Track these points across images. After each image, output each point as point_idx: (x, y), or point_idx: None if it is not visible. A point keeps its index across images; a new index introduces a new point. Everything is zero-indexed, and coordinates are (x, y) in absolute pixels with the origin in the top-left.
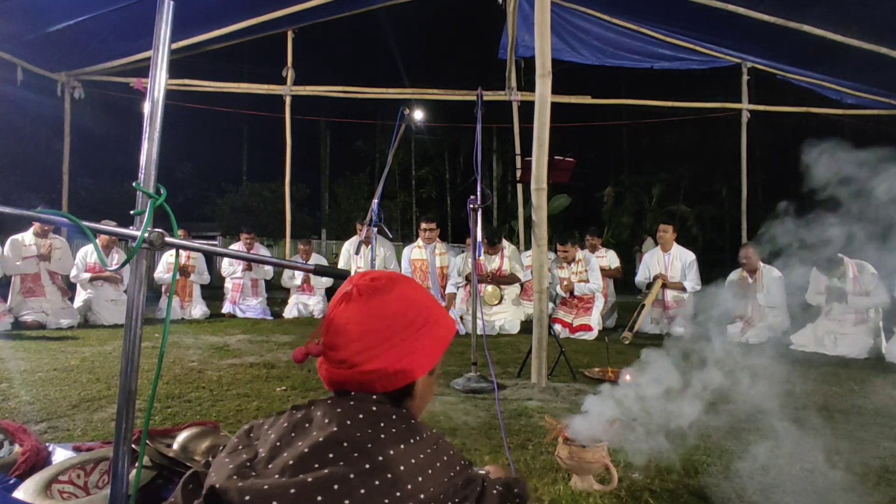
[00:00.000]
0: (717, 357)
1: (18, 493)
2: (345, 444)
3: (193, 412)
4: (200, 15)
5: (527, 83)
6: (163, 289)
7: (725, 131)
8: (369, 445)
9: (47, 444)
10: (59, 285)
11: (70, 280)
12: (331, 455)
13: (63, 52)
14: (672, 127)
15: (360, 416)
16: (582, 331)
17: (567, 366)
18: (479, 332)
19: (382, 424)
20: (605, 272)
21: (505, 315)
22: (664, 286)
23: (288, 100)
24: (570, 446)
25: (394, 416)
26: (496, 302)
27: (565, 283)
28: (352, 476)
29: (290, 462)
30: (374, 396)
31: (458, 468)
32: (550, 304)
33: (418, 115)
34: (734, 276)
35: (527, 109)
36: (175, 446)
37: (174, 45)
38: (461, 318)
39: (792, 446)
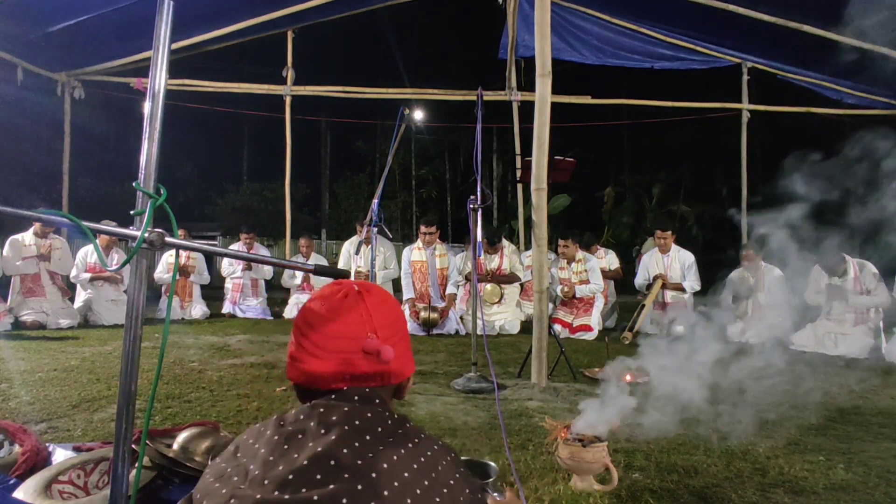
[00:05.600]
0: (717, 357)
1: (18, 493)
2: (345, 452)
3: (193, 412)
4: (200, 15)
5: (527, 83)
6: (163, 289)
7: (725, 131)
8: (359, 462)
9: (47, 444)
10: (59, 285)
11: (70, 280)
12: (333, 466)
13: (63, 52)
14: (672, 127)
15: (357, 422)
16: (582, 331)
17: (567, 366)
18: (479, 332)
19: (380, 429)
20: (605, 273)
21: (505, 315)
22: (664, 287)
23: (288, 100)
24: (570, 446)
25: (389, 421)
26: (496, 300)
27: (566, 287)
28: (359, 487)
29: (290, 476)
30: (368, 391)
31: (456, 476)
32: (550, 305)
33: (418, 115)
34: (735, 275)
35: (527, 109)
36: (175, 446)
37: (174, 45)
38: (461, 318)
39: (791, 446)
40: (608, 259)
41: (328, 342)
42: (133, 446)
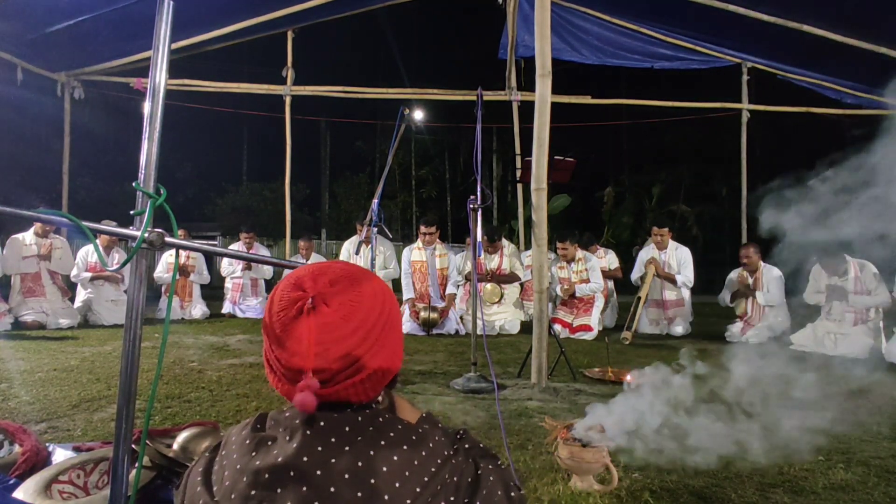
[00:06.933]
0: (717, 357)
1: (18, 493)
2: (305, 460)
3: (193, 412)
4: (200, 15)
5: (527, 83)
6: (163, 289)
7: (725, 131)
8: (318, 472)
9: (47, 444)
10: (60, 285)
11: (71, 279)
12: (291, 477)
13: (63, 52)
14: (672, 127)
15: (322, 423)
16: (582, 331)
17: (567, 366)
18: (479, 332)
19: (347, 428)
20: (605, 273)
21: (505, 315)
22: (657, 275)
23: (288, 100)
24: (570, 446)
25: (359, 418)
26: (496, 300)
27: (566, 285)
28: (316, 503)
29: (253, 492)
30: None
31: (440, 461)
32: (550, 305)
33: (418, 115)
34: (734, 274)
35: (527, 109)
36: (175, 446)
37: (174, 45)
38: (461, 318)
39: (791, 446)
40: (608, 259)
41: (283, 370)
42: (133, 446)
